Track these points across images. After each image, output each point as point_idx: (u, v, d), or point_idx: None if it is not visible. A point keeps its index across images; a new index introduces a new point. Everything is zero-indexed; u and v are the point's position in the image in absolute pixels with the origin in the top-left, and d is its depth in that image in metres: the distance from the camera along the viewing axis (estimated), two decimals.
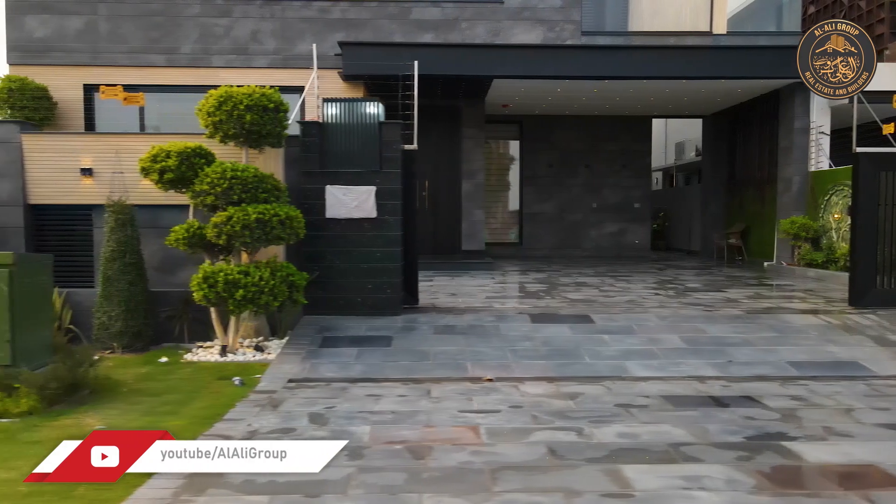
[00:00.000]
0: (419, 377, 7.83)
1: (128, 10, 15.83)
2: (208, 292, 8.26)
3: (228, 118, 8.71)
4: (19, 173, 9.93)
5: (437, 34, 16.37)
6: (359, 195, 9.92)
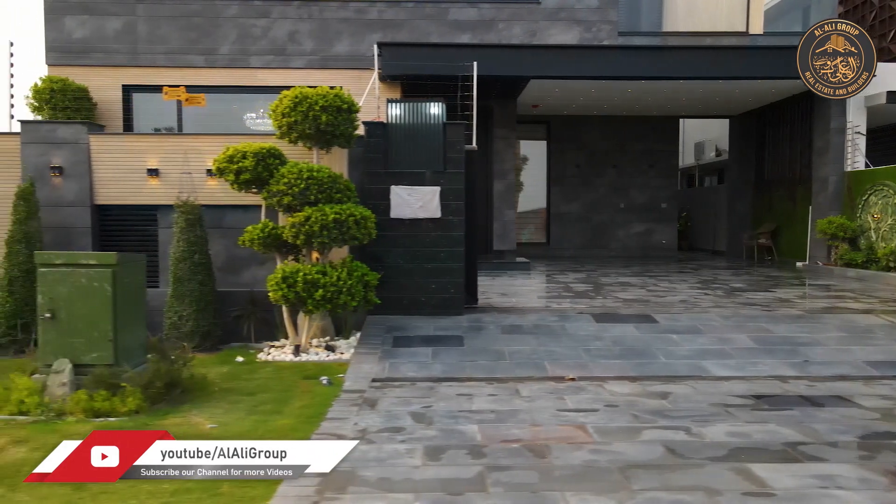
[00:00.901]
0: (501, 376, 7.88)
1: (166, 10, 15.87)
2: (287, 292, 8.32)
3: (304, 119, 8.78)
4: (86, 174, 9.99)
5: (474, 35, 16.43)
6: (423, 195, 9.98)
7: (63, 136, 10.03)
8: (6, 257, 9.28)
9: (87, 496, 4.60)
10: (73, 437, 5.38)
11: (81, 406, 6.24)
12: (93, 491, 4.65)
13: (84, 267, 6.61)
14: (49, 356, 6.62)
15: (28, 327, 9.18)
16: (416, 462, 5.26)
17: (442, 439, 5.77)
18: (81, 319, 6.60)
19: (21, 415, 6.24)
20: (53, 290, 6.61)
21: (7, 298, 9.16)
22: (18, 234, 9.27)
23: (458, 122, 10.27)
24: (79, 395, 6.32)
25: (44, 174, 9.86)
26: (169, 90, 11.02)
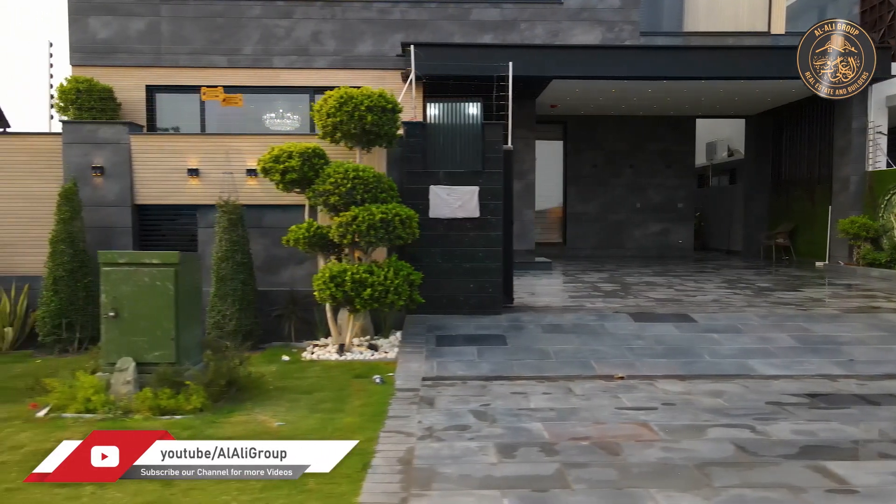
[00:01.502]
0: (550, 375, 7.94)
1: (190, 11, 15.91)
2: (335, 291, 8.37)
3: (349, 119, 8.83)
4: (127, 174, 10.04)
5: (496, 35, 16.47)
6: (462, 195, 10.04)
7: (105, 136, 10.08)
8: (50, 257, 9.33)
9: (178, 491, 4.64)
10: None
11: (147, 404, 6.29)
12: (182, 487, 4.70)
13: (147, 266, 6.66)
14: (112, 354, 6.66)
15: (72, 326, 9.23)
16: (492, 459, 5.31)
17: (510, 437, 5.83)
18: (144, 318, 6.65)
19: (88, 413, 6.28)
20: (117, 289, 6.65)
21: (52, 298, 9.20)
22: (63, 234, 9.32)
23: (496, 122, 10.34)
24: (145, 393, 6.37)
25: (85, 174, 9.91)
26: (207, 90, 11.09)
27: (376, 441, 5.68)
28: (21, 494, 4.62)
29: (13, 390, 7.28)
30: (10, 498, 4.58)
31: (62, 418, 6.21)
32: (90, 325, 9.41)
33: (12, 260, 9.97)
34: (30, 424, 6.07)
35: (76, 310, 9.27)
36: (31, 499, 4.58)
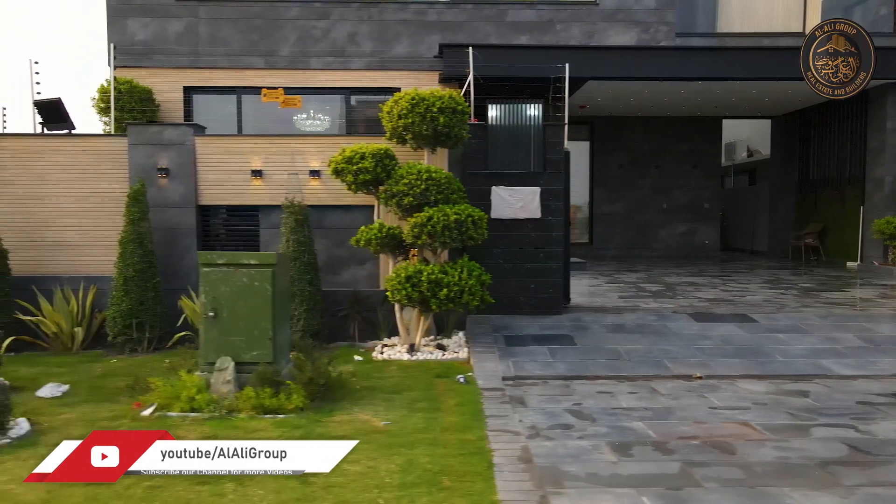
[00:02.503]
0: (628, 375, 8.02)
1: (228, 13, 15.97)
2: (411, 292, 8.44)
3: (421, 120, 8.88)
4: (192, 175, 10.10)
5: (532, 36, 16.54)
6: (524, 196, 10.11)
7: (170, 137, 10.14)
8: (120, 257, 9.38)
9: (318, 489, 4.70)
10: (254, 433, 5.56)
11: (251, 403, 6.35)
12: (320, 484, 4.76)
13: (245, 266, 6.71)
14: (211, 354, 6.72)
15: (142, 326, 9.28)
16: (611, 458, 5.38)
17: (617, 436, 5.90)
18: (242, 318, 6.71)
19: (193, 412, 6.33)
20: (216, 289, 6.71)
21: (123, 298, 9.26)
22: (132, 235, 9.38)
23: (558, 124, 10.42)
24: (247, 392, 6.43)
25: (150, 175, 9.97)
26: (268, 92, 11.16)
27: (487, 440, 5.73)
28: (165, 492, 4.67)
29: (106, 390, 7.36)
30: (157, 496, 4.64)
31: (168, 417, 6.26)
32: (158, 325, 9.48)
33: (77, 260, 10.03)
34: (140, 423, 6.12)
35: (146, 310, 9.33)
36: (175, 496, 4.63)
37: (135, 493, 4.64)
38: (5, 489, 4.68)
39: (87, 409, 6.58)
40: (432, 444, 5.58)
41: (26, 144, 10.21)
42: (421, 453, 5.37)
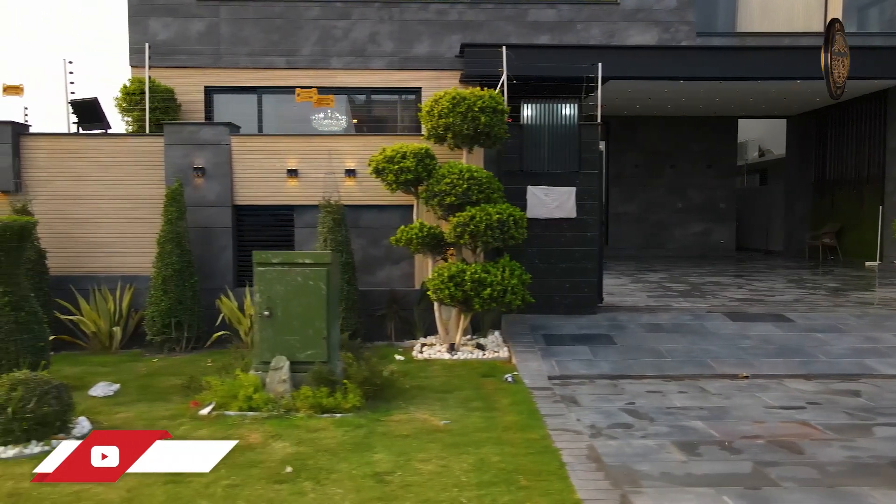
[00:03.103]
0: (673, 374, 8.03)
1: (249, 13, 15.96)
2: (455, 291, 8.44)
3: (462, 119, 8.87)
4: (228, 175, 10.09)
5: (553, 36, 16.53)
6: (559, 196, 10.12)
7: (206, 137, 10.13)
8: (158, 257, 9.37)
9: (396, 487, 4.70)
10: (315, 432, 5.56)
11: (308, 402, 6.35)
12: (397, 483, 4.76)
13: (300, 266, 6.71)
14: (266, 353, 6.72)
15: (181, 326, 9.27)
16: (679, 457, 5.39)
17: (679, 435, 5.90)
18: (297, 317, 6.71)
19: (251, 411, 6.33)
20: (271, 288, 6.71)
21: (161, 297, 9.25)
22: (170, 234, 9.37)
23: (593, 123, 10.42)
24: (305, 391, 6.43)
25: (186, 175, 9.96)
26: (301, 91, 11.13)
27: (550, 439, 5.73)
28: (245, 491, 4.67)
29: (155, 389, 7.36)
30: (238, 494, 4.64)
31: (227, 416, 6.26)
32: (196, 325, 9.47)
33: (113, 260, 10.03)
34: (201, 423, 6.12)
35: (184, 309, 9.32)
36: (256, 494, 4.63)
37: (216, 493, 4.63)
38: (84, 488, 4.67)
39: (143, 409, 6.57)
40: (498, 444, 5.58)
41: (62, 144, 10.20)
42: (490, 452, 5.37)
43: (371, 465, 5.11)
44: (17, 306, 6.89)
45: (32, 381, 5.52)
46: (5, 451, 5.31)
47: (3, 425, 5.32)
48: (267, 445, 5.52)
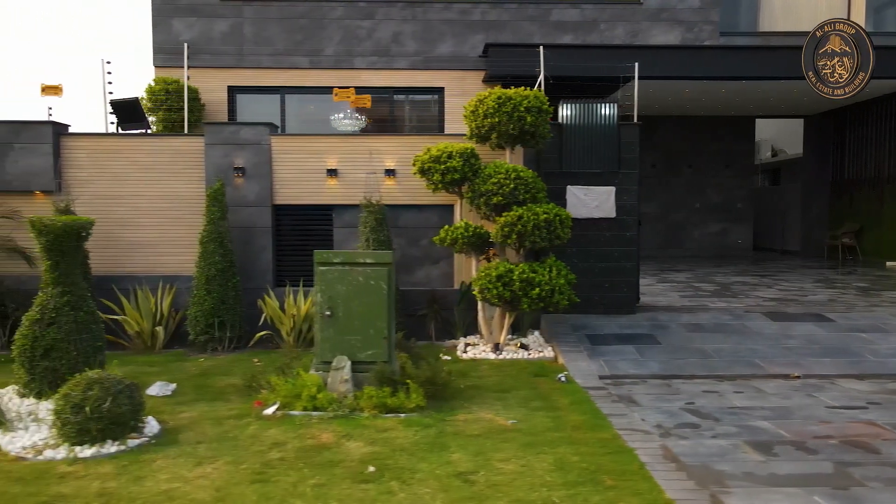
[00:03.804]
0: (725, 374, 8.03)
1: (273, 13, 15.94)
2: (503, 291, 8.43)
3: (508, 119, 8.86)
4: (268, 174, 10.08)
5: (576, 35, 16.52)
6: (599, 195, 10.11)
7: (246, 137, 10.11)
8: (201, 256, 9.36)
9: (484, 488, 4.69)
10: (384, 432, 5.55)
11: (372, 402, 6.34)
12: (483, 483, 4.74)
13: (361, 265, 6.70)
14: (327, 353, 6.71)
15: (223, 326, 9.26)
16: (756, 457, 5.38)
17: (750, 435, 5.90)
18: (358, 317, 6.70)
19: (316, 410, 6.32)
20: (332, 288, 6.70)
21: (205, 297, 9.24)
22: (213, 234, 9.36)
23: (633, 123, 10.42)
24: (368, 391, 6.42)
25: (226, 175, 9.94)
26: (339, 91, 11.13)
27: (621, 439, 5.72)
28: (333, 490, 4.66)
29: (211, 388, 7.36)
30: (326, 493, 4.63)
31: (292, 416, 6.25)
32: (238, 325, 9.45)
33: (154, 259, 10.01)
34: (268, 422, 6.11)
35: (227, 309, 9.31)
36: (344, 494, 4.62)
37: (305, 492, 4.62)
38: (172, 487, 4.67)
39: (205, 408, 6.56)
40: (572, 443, 5.57)
41: (102, 144, 10.18)
42: (566, 452, 5.36)
43: (451, 464, 5.09)
44: (75, 306, 6.88)
45: (107, 381, 5.51)
46: (82, 450, 5.30)
47: (80, 425, 5.31)
48: (341, 445, 5.51)
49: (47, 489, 4.64)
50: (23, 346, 6.66)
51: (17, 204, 9.85)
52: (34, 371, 6.65)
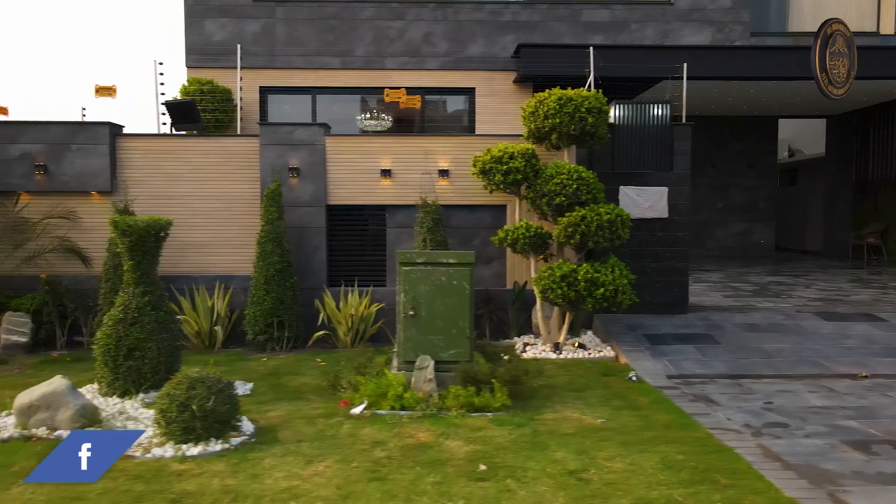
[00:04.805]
0: (792, 374, 8.06)
1: (304, 13, 15.93)
2: (567, 291, 8.46)
3: (570, 120, 8.89)
4: (322, 175, 10.09)
5: (607, 36, 16.52)
6: (651, 196, 10.14)
7: (300, 137, 10.14)
8: (259, 257, 9.38)
9: (602, 486, 4.71)
10: (478, 431, 5.58)
11: (460, 401, 6.37)
12: (598, 481, 4.76)
13: (444, 266, 6.72)
14: (409, 353, 6.73)
15: (282, 325, 9.28)
16: (859, 456, 5.43)
17: (843, 434, 5.94)
18: (440, 317, 6.72)
19: (403, 410, 6.33)
20: (415, 288, 6.72)
21: (264, 297, 9.26)
22: (271, 234, 9.38)
23: (686, 123, 10.45)
24: (455, 390, 6.44)
25: (281, 175, 9.96)
26: (390, 92, 11.18)
27: (716, 438, 5.75)
28: (453, 488, 4.68)
29: (286, 388, 7.39)
30: (445, 492, 4.66)
31: (380, 415, 6.27)
32: (296, 325, 9.47)
33: (207, 259, 10.03)
34: (359, 421, 6.13)
35: (285, 309, 9.33)
36: (464, 492, 4.64)
37: (427, 490, 4.64)
38: (293, 485, 4.69)
39: (290, 407, 6.58)
40: (669, 442, 5.60)
41: (157, 144, 10.21)
42: (669, 451, 5.39)
43: (558, 463, 5.12)
44: (156, 306, 6.91)
45: (208, 380, 5.53)
46: (189, 448, 5.32)
47: (185, 423, 5.33)
48: (441, 444, 5.53)
49: (170, 487, 4.66)
50: (106, 345, 6.68)
51: (73, 204, 9.86)
52: (118, 370, 6.67)
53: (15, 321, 9.03)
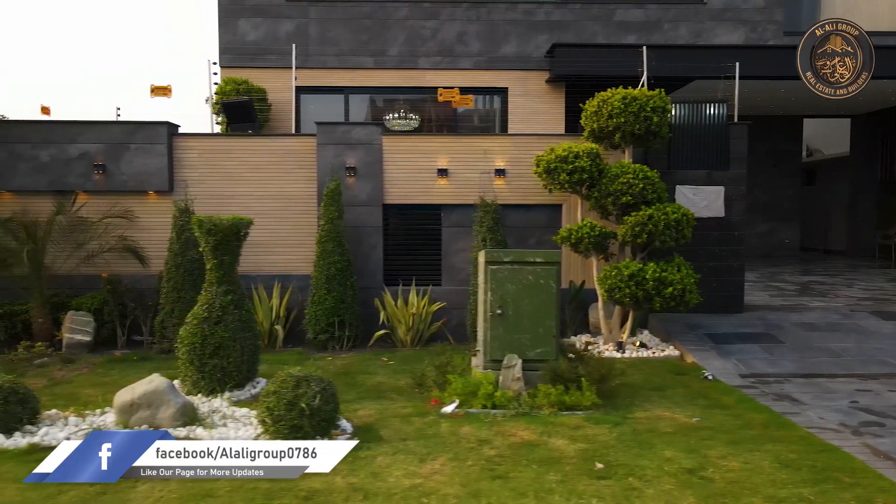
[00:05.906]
0: (862, 373, 8.06)
1: (338, 13, 15.93)
2: (635, 290, 8.44)
3: (635, 119, 8.87)
4: (379, 174, 10.08)
5: (640, 35, 16.51)
6: (708, 195, 10.12)
7: (357, 137, 10.12)
8: (320, 256, 9.36)
9: (725, 484, 4.69)
10: (577, 429, 5.55)
11: (550, 400, 6.35)
12: (721, 479, 4.74)
13: (531, 265, 6.71)
14: (496, 351, 6.72)
15: (343, 325, 9.26)
16: None
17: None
18: (527, 316, 6.71)
19: (495, 408, 6.31)
20: (502, 287, 6.70)
21: (325, 296, 9.24)
22: (332, 233, 9.36)
23: (743, 122, 10.44)
24: (545, 389, 6.43)
25: (338, 175, 9.94)
26: (444, 92, 11.14)
27: (818, 437, 5.74)
28: (580, 487, 4.66)
29: (363, 387, 7.36)
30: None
31: (472, 414, 6.25)
32: (356, 324, 9.45)
33: (264, 258, 10.02)
34: (454, 420, 6.10)
35: (346, 308, 9.32)
36: None
37: (553, 488, 4.62)
38: (416, 483, 4.68)
39: (378, 406, 6.56)
40: (775, 441, 5.59)
41: (213, 144, 10.19)
42: (778, 450, 5.38)
43: (672, 461, 5.10)
44: (238, 304, 6.89)
45: (311, 379, 5.50)
46: None
47: (293, 421, 5.30)
48: (546, 442, 5.51)
49: (297, 485, 4.64)
50: (192, 344, 6.65)
51: (130, 204, 9.84)
52: (203, 369, 6.65)
53: (79, 320, 9.01)
